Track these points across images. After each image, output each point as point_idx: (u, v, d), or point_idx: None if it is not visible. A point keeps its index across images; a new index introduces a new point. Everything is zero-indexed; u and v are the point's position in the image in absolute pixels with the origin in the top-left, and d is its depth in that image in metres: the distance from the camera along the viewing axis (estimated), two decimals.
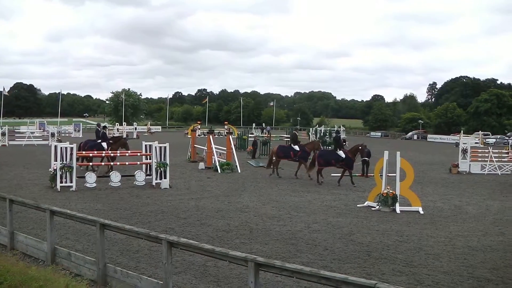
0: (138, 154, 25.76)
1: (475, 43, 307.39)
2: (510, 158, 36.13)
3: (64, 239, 13.31)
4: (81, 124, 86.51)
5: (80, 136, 73.10)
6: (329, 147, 46.24)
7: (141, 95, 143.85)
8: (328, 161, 26.50)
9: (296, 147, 29.46)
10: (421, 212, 18.63)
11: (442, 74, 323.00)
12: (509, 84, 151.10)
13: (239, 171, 30.68)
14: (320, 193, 23.14)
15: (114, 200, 19.96)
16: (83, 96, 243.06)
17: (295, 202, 20.41)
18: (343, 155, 26.12)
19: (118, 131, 75.14)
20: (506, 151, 41.25)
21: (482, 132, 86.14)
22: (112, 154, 26.68)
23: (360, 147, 26.44)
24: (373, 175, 22.68)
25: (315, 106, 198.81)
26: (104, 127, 33.35)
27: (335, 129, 70.83)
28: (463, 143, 36.65)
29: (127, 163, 26.63)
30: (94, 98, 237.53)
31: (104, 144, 28.51)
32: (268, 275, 9.66)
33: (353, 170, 26.46)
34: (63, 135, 71.25)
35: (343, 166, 26.30)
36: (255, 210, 18.60)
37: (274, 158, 29.86)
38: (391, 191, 19.09)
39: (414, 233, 15.28)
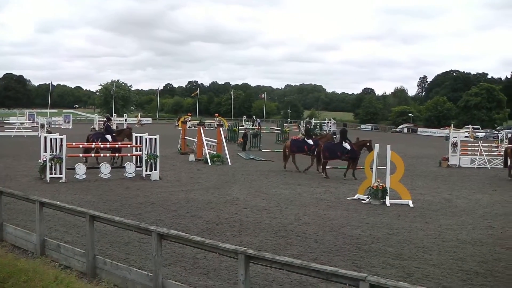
0: (129, 145, 25.71)
1: (466, 38, 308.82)
2: (500, 152, 36.25)
3: (54, 230, 13.25)
4: (71, 115, 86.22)
5: (70, 127, 72.94)
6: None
7: (131, 87, 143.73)
8: (334, 154, 26.46)
9: (310, 141, 29.08)
10: (411, 205, 18.67)
11: (433, 68, 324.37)
12: (500, 78, 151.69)
13: (230, 163, 30.65)
14: (310, 185, 23.15)
15: (104, 192, 19.88)
16: (73, 87, 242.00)
17: (285, 195, 20.41)
18: (349, 147, 26.14)
19: (126, 121, 75.02)
20: (496, 145, 41.49)
21: (472, 126, 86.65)
22: (117, 146, 26.49)
23: (368, 144, 26.16)
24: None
25: (306, 99, 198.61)
26: (109, 119, 32.98)
27: (322, 121, 70.97)
28: (453, 137, 36.75)
29: (117, 154, 26.54)
30: (84, 89, 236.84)
31: (108, 137, 28.16)
32: (258, 268, 9.65)
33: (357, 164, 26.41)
34: (52, 126, 71.01)
35: (349, 159, 26.35)
36: (245, 202, 18.59)
37: (287, 152, 29.27)
38: (381, 184, 19.11)
39: (404, 226, 15.31)
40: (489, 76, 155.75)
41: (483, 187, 24.80)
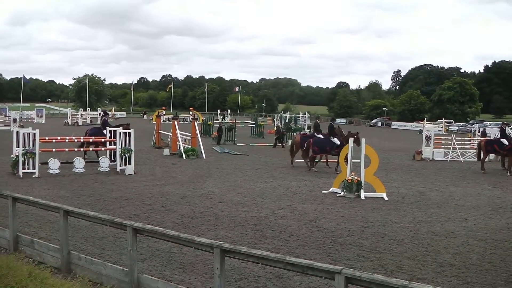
0: (103, 140, 25.53)
1: (440, 32, 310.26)
2: (472, 145, 36.66)
3: (27, 226, 13.11)
4: (43, 109, 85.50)
5: (43, 122, 72.26)
6: (295, 134, 46.52)
7: (105, 81, 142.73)
8: (323, 148, 26.43)
9: (320, 136, 27.92)
10: (386, 198, 18.79)
11: (407, 62, 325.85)
12: (473, 72, 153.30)
13: (204, 157, 30.61)
14: (285, 179, 23.20)
15: (78, 187, 19.72)
16: (46, 81, 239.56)
17: (260, 188, 20.43)
18: (338, 142, 26.13)
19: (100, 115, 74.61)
20: (469, 138, 41.99)
21: (445, 120, 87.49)
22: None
23: (355, 136, 26.04)
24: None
25: (280, 92, 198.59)
26: (106, 113, 32.57)
27: (296, 115, 71.04)
28: (427, 130, 37.10)
29: (91, 148, 26.34)
30: (57, 83, 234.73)
31: (105, 132, 27.61)
32: (233, 261, 9.64)
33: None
34: (25, 120, 70.30)
35: (338, 153, 26.24)
36: (220, 196, 18.57)
37: (294, 148, 28.60)
38: (356, 177, 19.21)
39: (379, 219, 15.41)
40: (462, 71, 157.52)
41: (456, 180, 25.04)
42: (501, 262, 11.30)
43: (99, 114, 29.31)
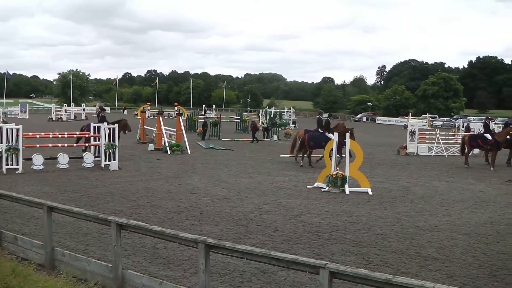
0: (87, 135, 25.41)
1: (425, 28, 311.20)
2: (456, 140, 36.85)
3: (10, 222, 13.02)
4: (27, 105, 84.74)
5: (27, 117, 71.83)
6: (280, 129, 46.53)
7: (89, 76, 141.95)
8: (318, 144, 26.37)
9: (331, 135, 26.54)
10: (370, 193, 18.85)
11: (391, 57, 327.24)
12: (457, 68, 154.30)
13: (189, 153, 30.56)
14: (270, 174, 23.22)
15: (62, 183, 19.62)
16: (29, 76, 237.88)
17: (245, 184, 20.43)
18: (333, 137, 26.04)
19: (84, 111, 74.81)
20: (453, 133, 42.19)
21: (429, 115, 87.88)
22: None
23: (349, 131, 26.00)
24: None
25: (265, 88, 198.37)
26: (103, 109, 32.15)
27: (281, 110, 71.09)
28: (411, 125, 37.22)
29: (75, 144, 26.21)
30: (41, 78, 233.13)
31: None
32: (218, 257, 9.65)
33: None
34: (8, 116, 69.72)
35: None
36: (205, 191, 18.55)
37: (299, 144, 27.55)
38: (340, 172, 19.26)
39: (363, 213, 15.46)
40: (446, 66, 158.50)
41: (441, 174, 25.17)
42: (484, 256, 11.39)
43: (97, 110, 28.65)
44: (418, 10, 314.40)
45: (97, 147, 24.16)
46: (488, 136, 28.94)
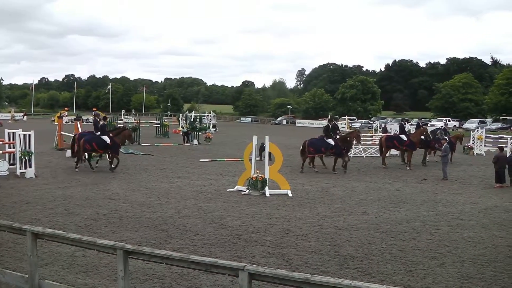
0: (1, 142, 24.63)
1: (343, 31, 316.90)
2: (374, 141, 37.74)
3: None
4: None
5: None
6: (200, 133, 46.40)
7: (2, 81, 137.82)
8: (318, 149, 26.50)
9: (330, 141, 26.74)
10: (290, 195, 19.08)
11: (310, 61, 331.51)
12: (374, 71, 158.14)
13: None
14: (190, 178, 23.14)
15: None
16: None
17: (165, 189, 20.29)
18: (333, 143, 26.22)
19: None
20: (371, 135, 43.22)
21: (348, 117, 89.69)
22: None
23: (347, 138, 26.54)
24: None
25: (186, 92, 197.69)
26: (105, 117, 30.56)
27: (202, 114, 71.06)
28: None
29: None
30: None
31: (106, 138, 25.74)
32: (138, 263, 9.56)
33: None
34: None
35: (333, 154, 26.67)
36: (124, 197, 18.32)
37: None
38: (260, 175, 19.39)
39: (283, 215, 15.63)
40: (364, 69, 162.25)
41: (359, 175, 25.73)
42: (401, 252, 11.73)
43: (94, 119, 27.27)
44: (334, 14, 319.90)
45: (11, 154, 23.41)
46: (403, 137, 29.82)
